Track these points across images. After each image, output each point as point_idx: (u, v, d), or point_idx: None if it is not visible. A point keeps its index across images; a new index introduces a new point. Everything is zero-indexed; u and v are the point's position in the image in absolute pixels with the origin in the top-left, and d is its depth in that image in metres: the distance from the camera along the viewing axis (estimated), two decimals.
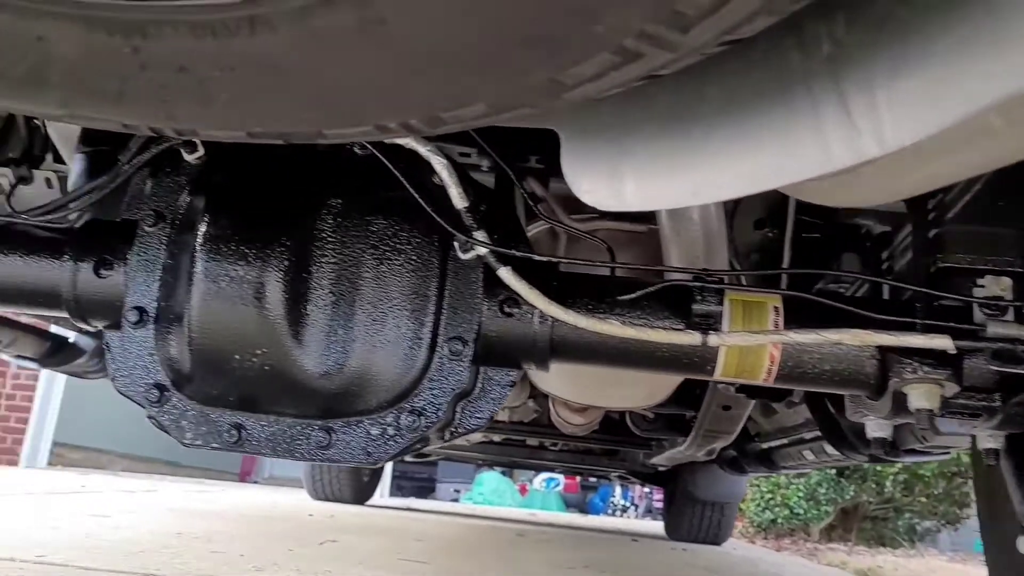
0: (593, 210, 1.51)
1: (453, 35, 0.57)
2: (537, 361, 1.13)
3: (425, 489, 12.79)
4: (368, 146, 1.07)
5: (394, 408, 1.07)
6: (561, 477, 11.95)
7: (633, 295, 1.08)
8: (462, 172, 1.08)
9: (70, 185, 1.21)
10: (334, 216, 1.09)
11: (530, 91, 0.61)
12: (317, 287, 1.08)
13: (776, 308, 1.07)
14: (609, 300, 1.09)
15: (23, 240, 1.15)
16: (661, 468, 4.61)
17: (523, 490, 12.33)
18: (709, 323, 1.05)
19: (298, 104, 0.69)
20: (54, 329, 2.57)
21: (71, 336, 2.67)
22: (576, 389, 2.41)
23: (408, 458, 6.41)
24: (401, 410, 1.07)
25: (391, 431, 1.07)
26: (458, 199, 1.05)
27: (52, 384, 9.00)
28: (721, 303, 1.05)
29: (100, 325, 1.17)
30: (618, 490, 12.04)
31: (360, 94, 0.67)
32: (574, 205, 1.55)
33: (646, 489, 11.31)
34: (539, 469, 8.01)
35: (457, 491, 12.87)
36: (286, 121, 0.72)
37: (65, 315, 1.16)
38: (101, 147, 1.34)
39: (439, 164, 1.05)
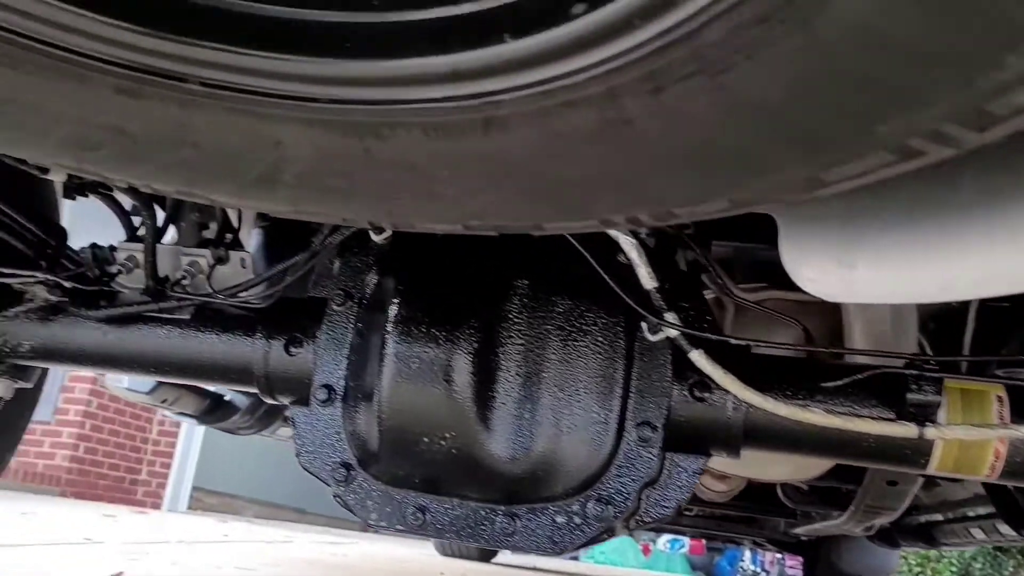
0: (761, 277, 1.45)
1: (709, 135, 0.54)
2: (729, 448, 1.07)
3: None
4: None
5: (580, 495, 1.04)
6: (686, 538, 11.52)
7: (839, 382, 1.01)
8: (648, 250, 1.06)
9: (250, 259, 1.25)
10: (520, 297, 1.08)
11: (783, 188, 0.58)
12: (504, 370, 1.07)
13: (1000, 397, 0.98)
14: (809, 385, 1.03)
15: (220, 318, 1.20)
16: (804, 538, 4.36)
17: (646, 550, 11.95)
18: (925, 413, 0.97)
19: (523, 199, 0.69)
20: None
21: (227, 394, 2.79)
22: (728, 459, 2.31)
23: None
24: (588, 498, 1.04)
25: (577, 520, 1.04)
26: (647, 279, 1.02)
27: (192, 432, 9.46)
28: (939, 392, 0.97)
29: (287, 401, 1.20)
30: (747, 554, 11.49)
31: (591, 191, 0.65)
32: (738, 272, 1.49)
33: (778, 555, 10.76)
34: (669, 532, 7.77)
35: None
36: (507, 215, 0.71)
37: (255, 391, 1.19)
38: (278, 224, 1.39)
39: (628, 244, 1.02)
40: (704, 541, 11.34)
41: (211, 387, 2.81)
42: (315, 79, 0.63)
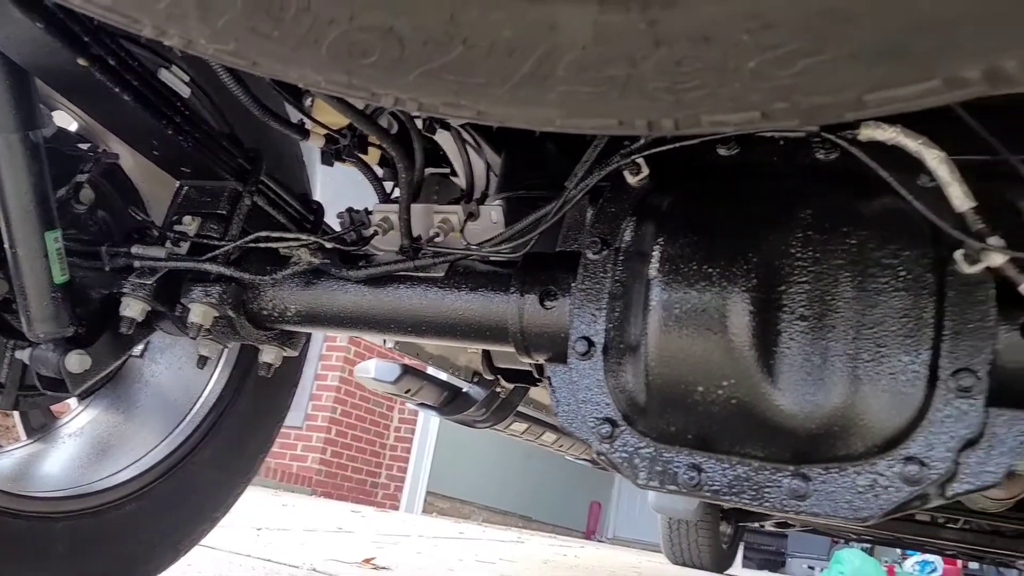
0: None
1: None
2: None
3: (774, 563, 11.89)
4: (844, 143, 0.93)
5: (886, 455, 0.89)
6: (938, 560, 10.42)
7: None
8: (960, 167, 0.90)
9: (500, 213, 1.21)
10: (803, 229, 0.96)
11: None
12: (789, 311, 0.95)
13: None
14: None
15: (472, 275, 1.17)
16: None
17: (891, 573, 10.95)
18: None
19: (854, 61, 0.57)
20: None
21: (464, 387, 2.85)
22: None
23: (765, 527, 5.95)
24: (895, 458, 0.89)
25: (883, 482, 0.89)
26: (962, 199, 0.87)
27: (426, 438, 9.93)
28: None
29: (542, 358, 1.15)
30: None
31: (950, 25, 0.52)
32: None
33: None
34: (926, 550, 7.05)
35: (811, 568, 11.80)
36: (826, 86, 0.60)
37: (510, 349, 1.15)
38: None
39: (935, 159, 0.87)
40: (961, 564, 10.18)
41: (455, 380, 2.89)
42: None
